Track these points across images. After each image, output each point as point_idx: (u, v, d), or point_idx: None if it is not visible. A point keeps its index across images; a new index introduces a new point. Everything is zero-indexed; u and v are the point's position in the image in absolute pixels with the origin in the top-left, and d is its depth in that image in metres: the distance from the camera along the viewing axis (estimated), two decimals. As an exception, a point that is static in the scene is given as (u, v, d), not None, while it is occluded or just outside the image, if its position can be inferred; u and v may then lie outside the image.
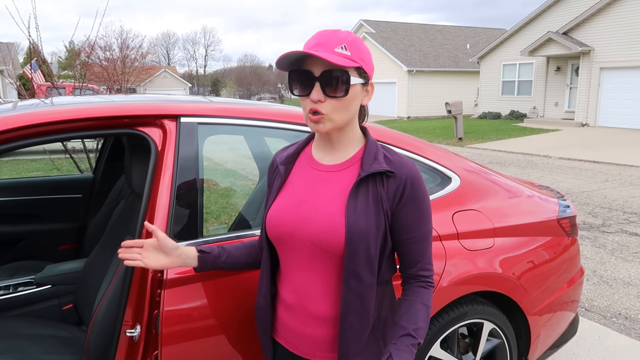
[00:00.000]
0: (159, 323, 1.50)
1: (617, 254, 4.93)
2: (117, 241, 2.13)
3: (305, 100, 1.18)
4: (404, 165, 1.23)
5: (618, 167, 10.23)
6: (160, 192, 1.59)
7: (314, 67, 1.15)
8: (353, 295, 1.20)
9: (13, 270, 2.67)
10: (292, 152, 1.34)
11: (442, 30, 31.27)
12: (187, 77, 61.78)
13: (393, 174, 1.21)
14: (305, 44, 1.19)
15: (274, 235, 1.27)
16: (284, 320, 1.32)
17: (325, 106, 1.16)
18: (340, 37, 1.16)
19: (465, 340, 2.22)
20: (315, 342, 1.26)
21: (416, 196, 1.22)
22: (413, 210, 1.22)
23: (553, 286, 2.28)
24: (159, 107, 1.72)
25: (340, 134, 1.24)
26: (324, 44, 1.14)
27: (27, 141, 1.57)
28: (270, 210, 1.29)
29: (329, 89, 1.15)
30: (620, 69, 16.57)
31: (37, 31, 5.92)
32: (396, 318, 1.23)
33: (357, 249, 1.17)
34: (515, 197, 2.28)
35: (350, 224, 1.17)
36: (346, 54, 1.15)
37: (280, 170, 1.31)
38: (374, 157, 1.23)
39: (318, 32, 1.19)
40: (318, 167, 1.29)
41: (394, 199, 1.21)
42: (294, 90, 1.20)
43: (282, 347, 1.34)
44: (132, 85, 11.08)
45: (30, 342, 1.99)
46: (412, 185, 1.21)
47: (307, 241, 1.22)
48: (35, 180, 3.28)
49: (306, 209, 1.23)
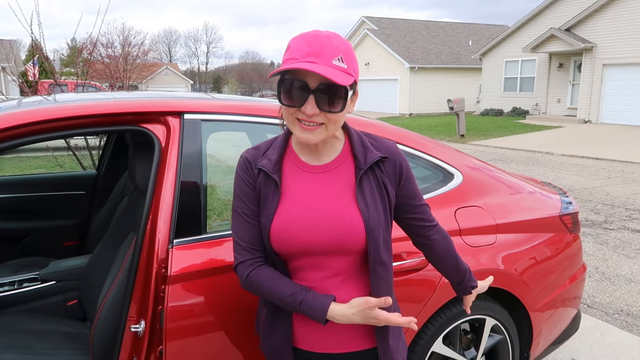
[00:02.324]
0: (163, 319, 1.51)
1: (619, 251, 4.93)
2: (121, 237, 2.14)
3: (291, 109, 1.12)
4: (389, 146, 1.28)
5: (620, 163, 10.21)
6: (164, 189, 1.60)
7: (309, 78, 1.09)
8: (382, 282, 1.25)
9: (18, 266, 2.69)
10: (276, 157, 1.23)
11: (444, 26, 31.17)
12: (189, 75, 61.73)
13: (387, 158, 1.25)
14: (294, 47, 1.11)
15: (283, 247, 1.20)
16: (306, 323, 1.27)
17: (319, 118, 1.12)
18: (335, 45, 1.10)
19: (468, 336, 2.22)
20: (345, 332, 1.27)
21: (407, 167, 1.30)
22: (409, 181, 1.31)
23: (555, 282, 2.28)
24: (163, 103, 1.73)
25: (327, 138, 1.21)
26: (319, 54, 1.08)
27: (31, 138, 1.57)
28: (275, 223, 1.20)
29: (324, 104, 1.10)
30: (623, 66, 16.50)
31: (39, 28, 5.93)
32: (459, 263, 1.45)
33: (377, 239, 1.20)
34: (518, 193, 2.29)
35: (367, 218, 1.19)
36: (343, 67, 1.10)
37: (274, 178, 1.21)
38: (363, 146, 1.25)
39: (309, 37, 1.11)
40: (310, 169, 1.24)
41: (395, 178, 1.27)
42: (283, 99, 1.12)
43: (306, 353, 1.30)
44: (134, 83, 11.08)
45: (35, 337, 2.00)
46: (401, 160, 1.29)
47: (323, 245, 1.20)
48: (39, 177, 3.30)
49: (314, 215, 1.20)
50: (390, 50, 25.97)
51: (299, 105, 1.11)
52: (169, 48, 71.26)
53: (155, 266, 1.54)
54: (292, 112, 1.13)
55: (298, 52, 1.10)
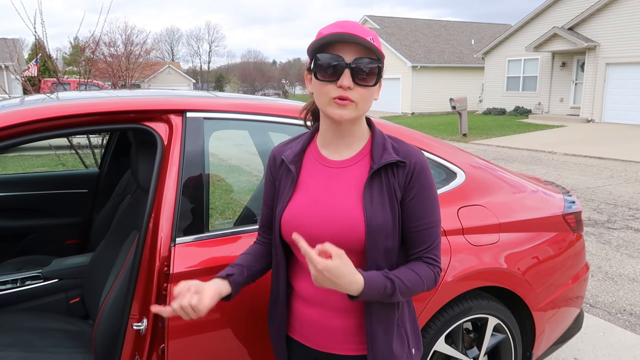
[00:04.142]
0: (166, 317, 1.51)
1: (622, 250, 4.92)
2: (123, 236, 2.15)
3: (327, 86, 1.15)
4: (412, 153, 1.23)
5: (623, 163, 10.18)
6: (167, 187, 1.60)
7: (344, 53, 1.13)
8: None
9: (20, 264, 2.70)
10: (298, 149, 1.30)
11: (447, 25, 31.13)
12: (191, 73, 61.79)
13: (404, 164, 1.21)
14: (325, 31, 1.15)
15: (290, 239, 1.24)
16: (301, 314, 1.30)
17: (353, 94, 1.14)
18: (365, 29, 1.15)
19: (470, 335, 2.22)
20: (335, 334, 1.27)
21: (422, 183, 1.22)
22: (420, 198, 1.22)
23: (558, 282, 2.27)
24: (165, 102, 1.73)
25: (352, 126, 1.23)
26: (354, 32, 1.12)
27: (33, 136, 1.57)
28: (286, 212, 1.26)
29: (359, 77, 1.13)
30: (626, 65, 16.45)
31: (42, 27, 5.93)
32: None
33: (377, 242, 1.18)
34: (521, 192, 2.28)
35: (369, 219, 1.17)
36: (376, 45, 1.14)
37: (292, 169, 1.27)
38: (383, 147, 1.23)
39: (340, 21, 1.16)
40: (328, 163, 1.27)
41: (404, 187, 1.22)
42: (320, 75, 1.16)
43: (298, 344, 1.34)
44: (136, 81, 11.09)
45: (37, 335, 2.01)
46: (419, 172, 1.22)
47: (327, 240, 1.20)
48: (41, 175, 3.30)
49: (323, 208, 1.22)
50: (393, 49, 25.94)
51: (336, 79, 1.13)
52: (171, 47, 71.47)
53: (158, 264, 1.54)
54: (328, 91, 1.15)
55: (333, 32, 1.13)
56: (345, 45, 1.13)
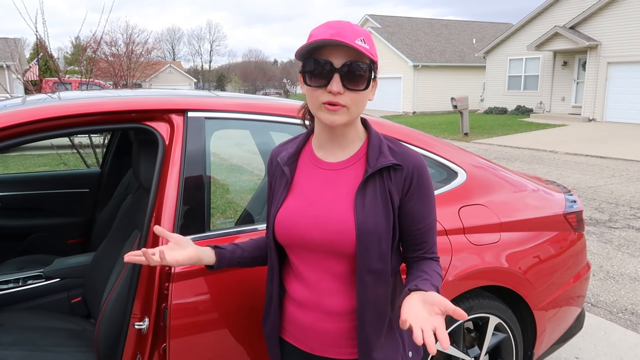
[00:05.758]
0: (167, 316, 1.51)
1: (623, 250, 4.91)
2: (125, 235, 2.15)
3: (317, 91, 1.13)
4: (410, 156, 1.22)
5: (625, 162, 10.17)
6: (168, 187, 1.60)
7: (333, 58, 1.11)
8: (368, 291, 1.19)
9: (22, 263, 2.70)
10: (293, 150, 1.28)
11: (448, 24, 31.09)
12: (192, 73, 61.83)
13: (400, 167, 1.20)
14: (317, 33, 1.12)
15: (284, 239, 1.24)
16: (294, 317, 1.30)
17: (343, 98, 1.12)
18: (357, 29, 1.12)
19: (471, 334, 2.22)
20: (328, 337, 1.26)
21: (422, 187, 1.21)
22: (420, 201, 1.21)
23: (559, 281, 2.27)
24: (167, 101, 1.73)
25: (346, 129, 1.21)
26: (343, 34, 1.09)
27: (35, 136, 1.58)
28: (280, 214, 1.25)
29: (349, 82, 1.11)
30: (627, 64, 16.42)
31: (44, 26, 5.94)
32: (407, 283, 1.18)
33: (368, 247, 1.16)
34: (522, 191, 2.28)
35: (360, 223, 1.16)
36: (366, 47, 1.12)
37: (285, 171, 1.26)
38: (379, 150, 1.21)
39: (330, 22, 1.14)
40: (323, 165, 1.25)
41: (402, 190, 1.20)
42: (309, 80, 1.14)
43: (291, 346, 1.33)
44: (137, 81, 11.10)
45: (39, 334, 2.01)
46: (418, 176, 1.21)
47: (320, 243, 1.20)
48: (43, 175, 3.31)
49: (317, 211, 1.21)
50: (394, 48, 25.91)
51: (325, 85, 1.11)
52: (172, 46, 71.52)
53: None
54: (317, 95, 1.13)
55: (321, 35, 1.11)
56: (334, 49, 1.11)
